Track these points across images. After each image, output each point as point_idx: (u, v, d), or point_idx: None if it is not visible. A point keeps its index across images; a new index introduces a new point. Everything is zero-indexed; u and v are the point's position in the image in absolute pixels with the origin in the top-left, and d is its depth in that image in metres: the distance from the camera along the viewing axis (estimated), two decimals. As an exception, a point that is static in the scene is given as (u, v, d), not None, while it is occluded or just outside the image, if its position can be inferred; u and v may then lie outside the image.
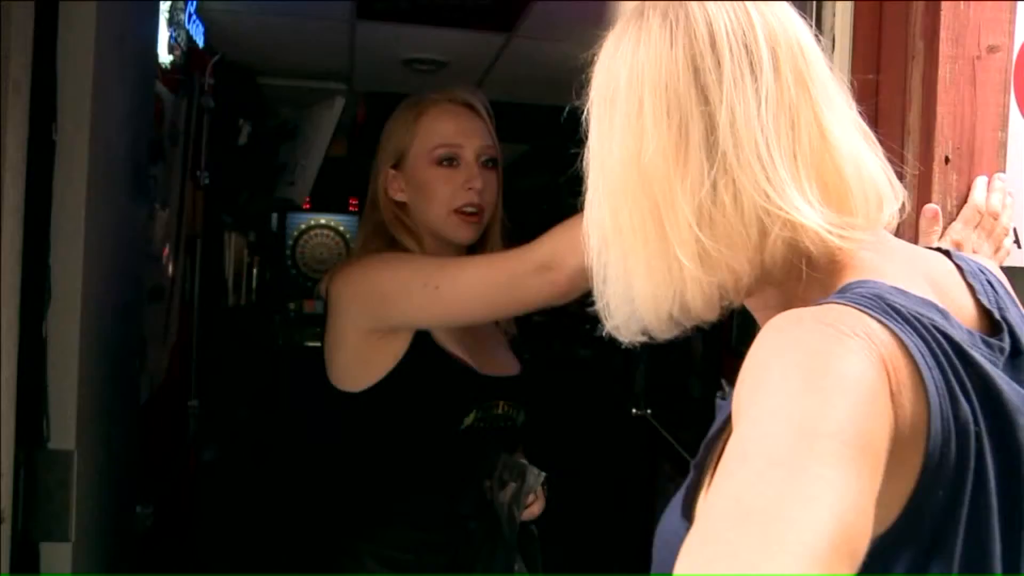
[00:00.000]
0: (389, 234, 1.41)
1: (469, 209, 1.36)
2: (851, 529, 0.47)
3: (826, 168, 0.65)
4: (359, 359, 1.33)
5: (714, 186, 0.63)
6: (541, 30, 2.83)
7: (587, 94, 0.72)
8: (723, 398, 0.73)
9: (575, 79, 0.72)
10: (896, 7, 1.16)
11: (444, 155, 1.37)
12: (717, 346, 2.31)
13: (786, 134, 0.64)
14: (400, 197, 1.40)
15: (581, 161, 0.72)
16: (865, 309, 0.58)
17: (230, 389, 3.27)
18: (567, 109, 0.75)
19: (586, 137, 0.71)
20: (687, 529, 0.61)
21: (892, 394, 0.54)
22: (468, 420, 1.33)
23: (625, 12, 0.71)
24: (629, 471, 2.99)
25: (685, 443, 2.53)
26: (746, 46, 0.65)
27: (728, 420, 0.61)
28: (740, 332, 2.20)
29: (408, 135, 1.39)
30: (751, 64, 0.65)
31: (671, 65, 0.65)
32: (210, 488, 2.88)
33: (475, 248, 1.45)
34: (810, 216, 0.62)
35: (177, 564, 2.63)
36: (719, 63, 0.64)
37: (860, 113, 0.70)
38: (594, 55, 0.72)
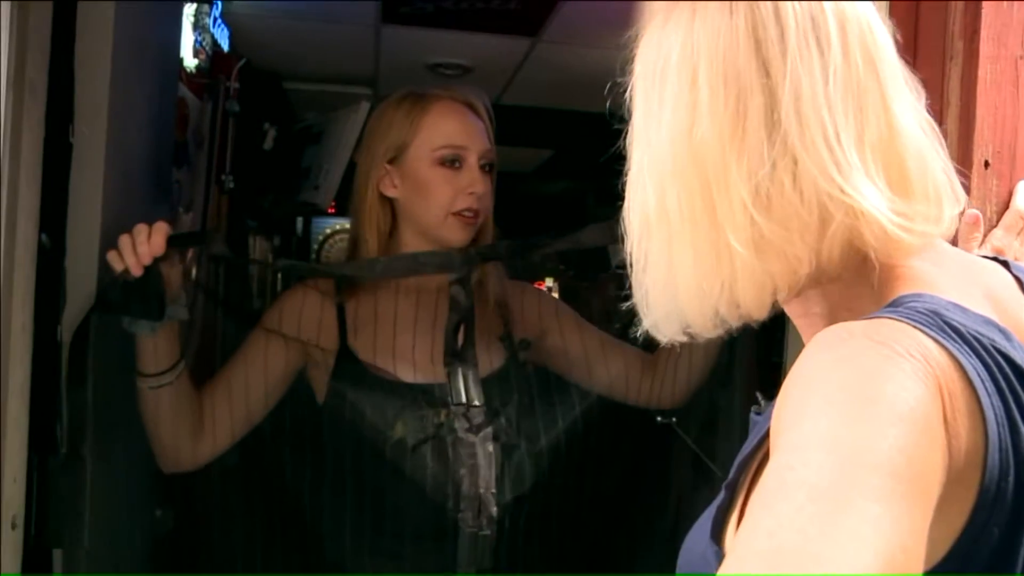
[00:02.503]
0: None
1: (468, 213, 1.34)
2: (898, 573, 0.43)
3: (891, 159, 0.60)
4: (319, 372, 1.34)
5: (773, 166, 0.58)
6: (567, 35, 2.81)
7: (631, 69, 0.66)
8: (758, 413, 0.68)
9: (601, 83, 0.68)
10: (934, 6, 1.12)
11: (448, 156, 1.34)
12: (745, 355, 2.26)
13: (854, 116, 0.59)
14: (392, 193, 1.36)
15: (624, 139, 0.67)
16: (920, 326, 0.53)
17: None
18: (609, 110, 0.70)
19: (629, 115, 0.66)
20: (715, 552, 0.58)
21: (947, 422, 0.50)
22: (398, 431, 1.29)
23: None
24: (653, 480, 2.94)
25: (711, 453, 2.48)
26: (813, 18, 0.60)
27: (764, 438, 0.57)
28: (770, 342, 2.15)
29: (410, 130, 1.35)
30: (818, 39, 0.60)
31: (730, 35, 0.60)
32: (230, 490, 2.87)
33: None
34: (877, 203, 0.57)
35: (199, 566, 2.61)
36: (783, 35, 0.59)
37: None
38: (639, 28, 0.67)
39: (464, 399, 1.30)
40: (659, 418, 2.80)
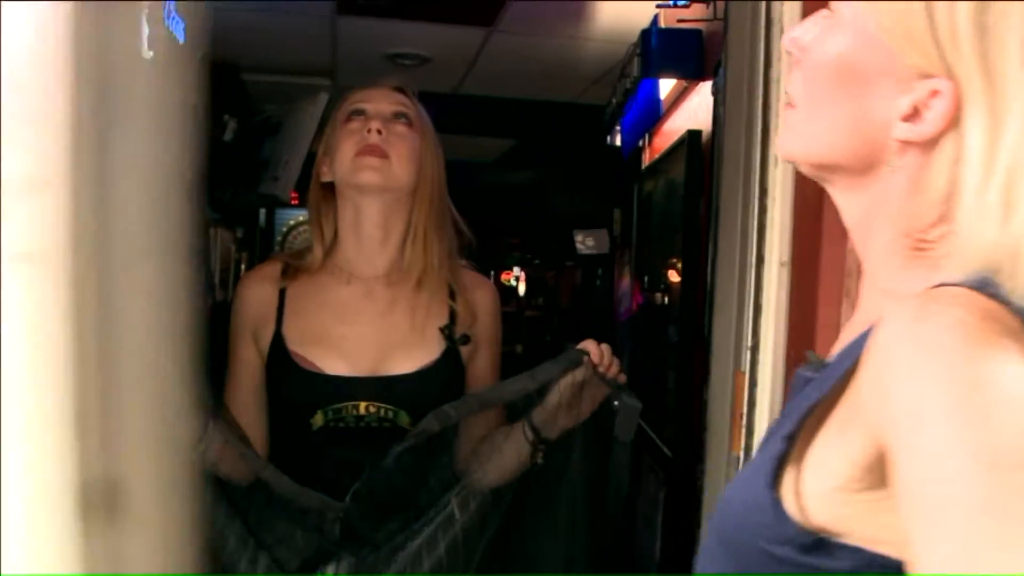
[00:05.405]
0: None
1: (369, 152, 1.35)
2: None
3: None
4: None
5: None
6: (521, 25, 2.84)
7: None
8: (815, 370, 0.66)
9: (557, 73, 0.66)
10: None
11: (351, 111, 1.40)
12: (691, 338, 2.31)
13: None
14: (327, 177, 1.42)
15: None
16: (993, 295, 0.53)
17: (218, 384, 3.26)
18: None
19: None
20: (771, 500, 0.59)
21: None
22: (317, 421, 1.33)
23: None
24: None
25: (666, 438, 2.53)
26: None
27: (828, 395, 0.59)
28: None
29: (333, 120, 1.44)
30: None
31: None
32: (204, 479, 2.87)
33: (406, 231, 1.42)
34: None
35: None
36: None
37: None
38: None
39: (390, 395, 1.34)
40: (615, 403, 2.81)
